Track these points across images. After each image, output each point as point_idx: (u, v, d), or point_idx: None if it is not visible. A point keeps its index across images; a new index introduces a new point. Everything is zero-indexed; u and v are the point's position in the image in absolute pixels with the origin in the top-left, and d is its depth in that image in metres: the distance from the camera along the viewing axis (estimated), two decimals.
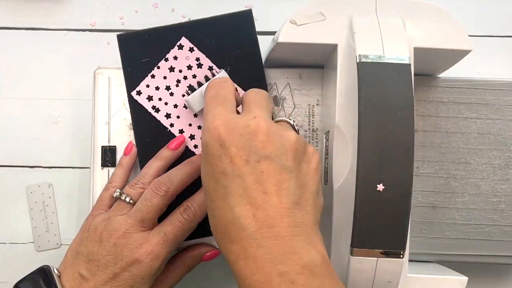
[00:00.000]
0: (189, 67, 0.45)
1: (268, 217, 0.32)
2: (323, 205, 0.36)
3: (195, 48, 0.45)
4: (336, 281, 0.32)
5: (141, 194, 0.42)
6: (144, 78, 0.46)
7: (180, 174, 0.42)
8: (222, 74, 0.45)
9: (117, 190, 0.43)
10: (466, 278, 0.43)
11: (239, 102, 0.39)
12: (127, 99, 0.46)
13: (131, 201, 0.42)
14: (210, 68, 0.45)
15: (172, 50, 0.45)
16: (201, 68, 0.45)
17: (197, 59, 0.45)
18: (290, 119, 0.39)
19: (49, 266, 0.41)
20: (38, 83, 0.55)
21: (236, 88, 0.43)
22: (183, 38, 0.45)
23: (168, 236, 0.40)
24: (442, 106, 0.49)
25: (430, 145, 0.49)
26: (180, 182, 0.42)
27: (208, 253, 0.45)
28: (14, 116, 0.55)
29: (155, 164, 0.44)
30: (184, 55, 0.45)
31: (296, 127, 0.39)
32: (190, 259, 0.45)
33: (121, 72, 0.46)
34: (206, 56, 0.46)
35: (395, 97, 0.36)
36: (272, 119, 0.36)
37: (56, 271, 0.41)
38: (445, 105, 0.49)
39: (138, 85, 0.46)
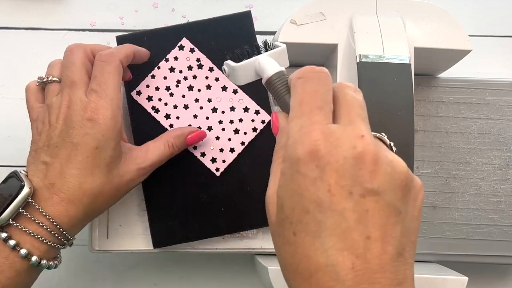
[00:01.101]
0: (190, 68, 0.45)
1: (369, 270, 0.26)
2: None
3: (196, 49, 0.45)
4: None
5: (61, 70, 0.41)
6: (144, 78, 0.46)
7: (95, 44, 0.42)
8: (283, 47, 0.36)
9: (40, 76, 0.41)
10: (466, 278, 0.43)
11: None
12: (126, 100, 0.46)
13: (55, 79, 0.41)
14: (211, 69, 0.45)
15: (172, 51, 0.45)
16: (201, 69, 0.45)
17: (198, 60, 0.45)
18: (383, 135, 0.30)
19: (16, 170, 0.39)
20: None
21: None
22: (184, 38, 0.45)
23: (98, 88, 0.39)
24: (442, 106, 0.49)
25: (430, 145, 0.49)
26: (94, 45, 0.41)
27: (190, 135, 0.43)
28: (13, 116, 0.55)
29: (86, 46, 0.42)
30: (185, 56, 0.45)
31: (392, 146, 0.31)
32: (173, 138, 0.43)
33: None
34: (207, 57, 0.46)
35: (395, 97, 0.36)
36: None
37: (23, 171, 0.39)
38: (445, 105, 0.49)
39: (138, 85, 0.46)
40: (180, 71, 0.45)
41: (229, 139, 0.45)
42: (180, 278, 0.54)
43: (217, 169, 0.45)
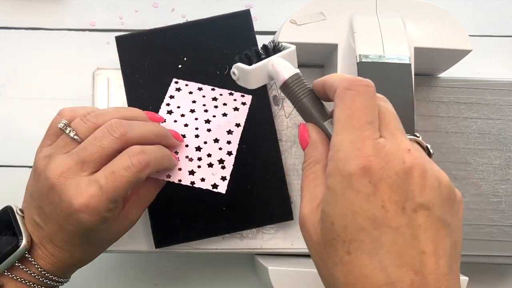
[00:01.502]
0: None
1: (426, 285, 0.26)
2: None
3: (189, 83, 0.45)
4: None
5: (91, 132, 0.35)
6: (143, 79, 0.46)
7: (144, 127, 0.36)
8: (293, 48, 0.36)
9: (63, 121, 0.36)
10: (466, 278, 0.43)
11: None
12: (126, 100, 0.46)
13: (76, 137, 0.35)
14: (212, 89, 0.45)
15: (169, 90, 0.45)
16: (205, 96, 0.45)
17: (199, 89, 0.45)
18: (417, 135, 0.31)
19: (11, 206, 0.37)
20: (38, 83, 0.55)
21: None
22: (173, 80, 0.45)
23: (105, 189, 0.33)
24: (442, 106, 0.49)
25: (431, 145, 0.49)
26: (141, 134, 0.35)
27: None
28: (14, 116, 0.55)
29: (124, 111, 0.37)
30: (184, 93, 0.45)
31: (430, 149, 0.31)
32: (152, 167, 0.37)
33: (120, 73, 0.46)
34: (205, 57, 0.46)
35: (395, 97, 0.36)
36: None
37: (20, 212, 0.37)
38: (445, 105, 0.49)
39: (137, 86, 0.46)
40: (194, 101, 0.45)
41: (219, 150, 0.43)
42: (180, 278, 0.54)
43: (216, 186, 0.43)
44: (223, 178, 0.41)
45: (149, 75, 0.46)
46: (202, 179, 0.41)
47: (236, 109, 0.44)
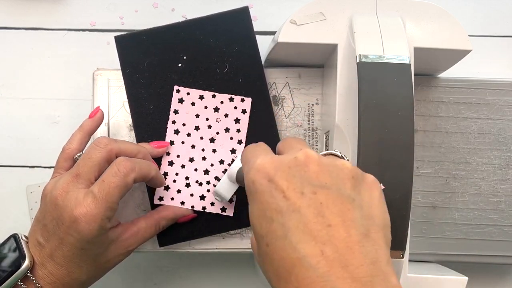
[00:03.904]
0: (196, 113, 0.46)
1: (338, 253, 0.27)
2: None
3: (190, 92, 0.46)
4: None
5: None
6: (143, 78, 0.46)
7: (126, 143, 0.42)
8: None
9: (80, 153, 0.42)
10: (466, 278, 0.43)
11: None
12: (126, 100, 0.46)
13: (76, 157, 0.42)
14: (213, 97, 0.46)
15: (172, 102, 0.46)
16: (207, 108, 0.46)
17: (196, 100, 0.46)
18: (336, 151, 0.35)
19: (17, 234, 0.40)
20: (38, 83, 0.55)
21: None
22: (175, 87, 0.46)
23: (99, 196, 0.38)
24: (442, 106, 0.49)
25: (430, 145, 0.49)
26: (122, 145, 0.41)
27: (182, 219, 0.45)
28: (14, 116, 0.55)
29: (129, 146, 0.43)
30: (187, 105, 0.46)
31: (345, 157, 0.34)
32: (166, 221, 0.44)
33: (120, 73, 0.46)
34: (204, 55, 0.46)
35: (395, 97, 0.36)
36: None
37: (24, 238, 0.40)
38: (445, 105, 0.49)
39: (137, 85, 0.46)
40: (197, 115, 0.46)
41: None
42: (180, 278, 0.54)
43: (225, 209, 0.46)
44: (230, 200, 0.45)
45: (149, 75, 0.46)
46: (212, 204, 0.46)
47: (237, 120, 0.45)
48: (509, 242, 0.48)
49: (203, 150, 0.45)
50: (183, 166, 0.45)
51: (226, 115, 0.45)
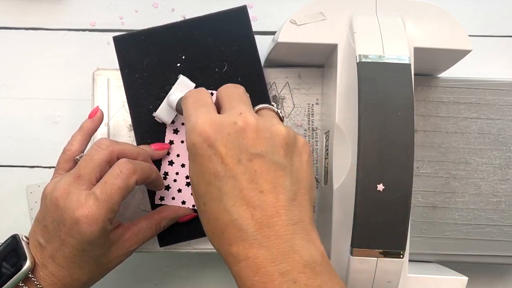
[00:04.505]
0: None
1: (266, 216, 0.31)
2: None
3: None
4: (336, 278, 0.32)
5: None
6: (142, 78, 0.46)
7: (126, 144, 0.42)
8: (182, 79, 0.44)
9: (81, 154, 0.42)
10: (466, 278, 0.43)
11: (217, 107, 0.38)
12: (126, 100, 0.46)
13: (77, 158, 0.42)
14: None
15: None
16: None
17: None
18: (273, 105, 0.38)
19: (17, 234, 0.40)
20: (38, 83, 0.55)
21: (211, 93, 0.44)
22: None
23: (101, 198, 0.38)
24: (442, 106, 0.49)
25: (430, 145, 0.49)
26: (124, 146, 0.41)
27: (183, 218, 0.45)
28: (14, 116, 0.55)
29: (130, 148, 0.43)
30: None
31: (281, 114, 0.37)
32: (166, 221, 0.44)
33: (119, 73, 0.46)
34: (203, 55, 0.46)
35: (395, 97, 0.36)
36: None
37: (24, 239, 0.40)
38: (445, 105, 0.49)
39: (136, 85, 0.46)
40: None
41: None
42: (180, 278, 0.54)
43: None
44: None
45: (148, 75, 0.46)
46: None
47: None
48: (509, 242, 0.48)
49: None
50: (183, 166, 0.45)
51: None
